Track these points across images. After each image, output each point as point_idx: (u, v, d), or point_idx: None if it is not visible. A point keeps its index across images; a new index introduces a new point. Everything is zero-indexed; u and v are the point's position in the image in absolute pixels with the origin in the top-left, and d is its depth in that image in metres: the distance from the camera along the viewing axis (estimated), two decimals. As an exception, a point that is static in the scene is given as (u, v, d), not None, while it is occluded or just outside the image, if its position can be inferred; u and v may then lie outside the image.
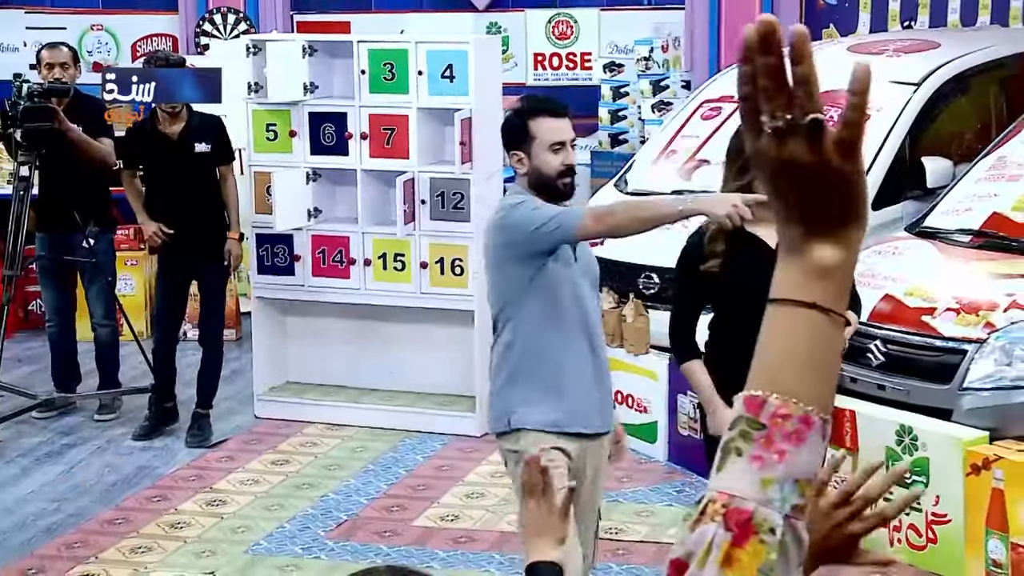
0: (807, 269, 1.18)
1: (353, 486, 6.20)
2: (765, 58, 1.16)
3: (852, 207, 1.18)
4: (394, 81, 6.84)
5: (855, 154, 1.17)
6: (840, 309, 1.18)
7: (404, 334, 7.12)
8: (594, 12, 9.71)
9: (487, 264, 4.17)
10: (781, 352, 1.17)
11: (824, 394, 1.16)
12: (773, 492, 1.12)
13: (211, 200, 6.80)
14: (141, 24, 10.04)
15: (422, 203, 6.81)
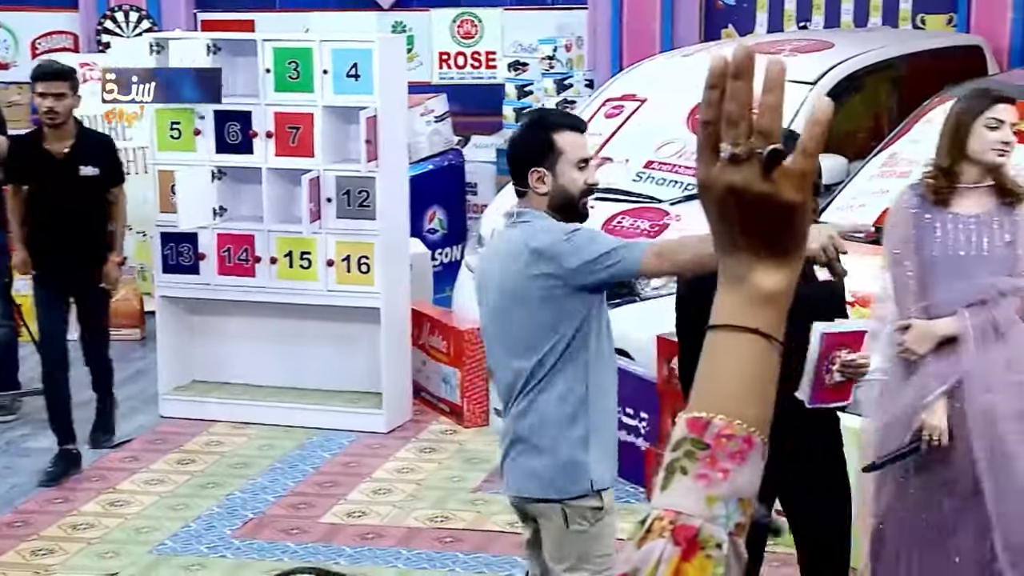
0: (750, 296, 1.20)
1: (259, 484, 6.14)
2: (736, 82, 1.17)
3: (795, 237, 1.20)
4: (299, 80, 6.79)
5: (806, 187, 1.19)
6: (779, 336, 1.20)
7: (311, 332, 7.07)
8: (498, 12, 9.73)
9: (514, 297, 3.61)
10: (724, 375, 1.19)
11: (763, 416, 1.19)
12: (718, 509, 1.14)
13: (94, 223, 6.31)
14: (40, 21, 9.85)
15: (328, 201, 6.77)
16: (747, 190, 1.17)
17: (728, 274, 1.21)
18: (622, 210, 6.95)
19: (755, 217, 1.18)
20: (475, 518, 5.73)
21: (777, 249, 1.20)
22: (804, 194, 1.18)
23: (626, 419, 6.14)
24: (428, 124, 8.73)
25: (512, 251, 3.65)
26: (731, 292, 1.21)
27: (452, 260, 8.43)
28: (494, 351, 3.76)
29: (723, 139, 1.18)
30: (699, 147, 1.20)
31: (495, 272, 3.71)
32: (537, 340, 3.62)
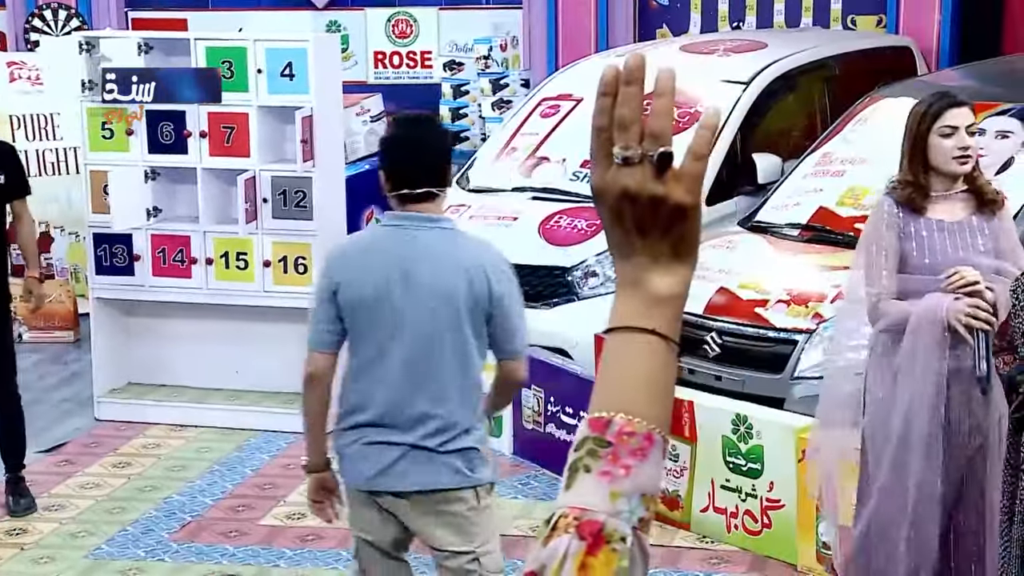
0: (646, 298, 1.23)
1: (198, 487, 6.08)
2: (628, 88, 1.20)
3: (688, 240, 1.24)
4: (233, 79, 6.74)
5: (697, 189, 1.22)
6: (675, 336, 1.24)
7: (248, 333, 7.02)
8: (433, 11, 9.71)
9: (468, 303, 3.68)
10: (623, 375, 1.22)
11: (663, 414, 1.22)
12: (622, 504, 1.17)
13: None
14: (-31, 19, 9.70)
15: (264, 202, 6.72)
16: (640, 192, 1.21)
17: (624, 279, 1.25)
18: (559, 210, 6.97)
19: (649, 219, 1.22)
20: (416, 518, 5.72)
21: (672, 251, 1.23)
22: (695, 196, 1.22)
23: (565, 418, 6.16)
24: (364, 124, 8.70)
25: (469, 263, 3.70)
26: (627, 296, 1.24)
27: (389, 260, 8.37)
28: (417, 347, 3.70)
29: (615, 143, 1.21)
30: (593, 153, 1.23)
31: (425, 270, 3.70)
32: (480, 340, 3.75)
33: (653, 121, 1.20)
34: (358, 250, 3.78)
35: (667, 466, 5.54)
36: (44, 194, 8.79)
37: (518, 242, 6.85)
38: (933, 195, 4.07)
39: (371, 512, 3.77)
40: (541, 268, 6.72)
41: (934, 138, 4.02)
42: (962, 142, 4.01)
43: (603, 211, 1.24)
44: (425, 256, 3.69)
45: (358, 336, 3.71)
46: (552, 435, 6.22)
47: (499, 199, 7.22)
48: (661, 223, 1.21)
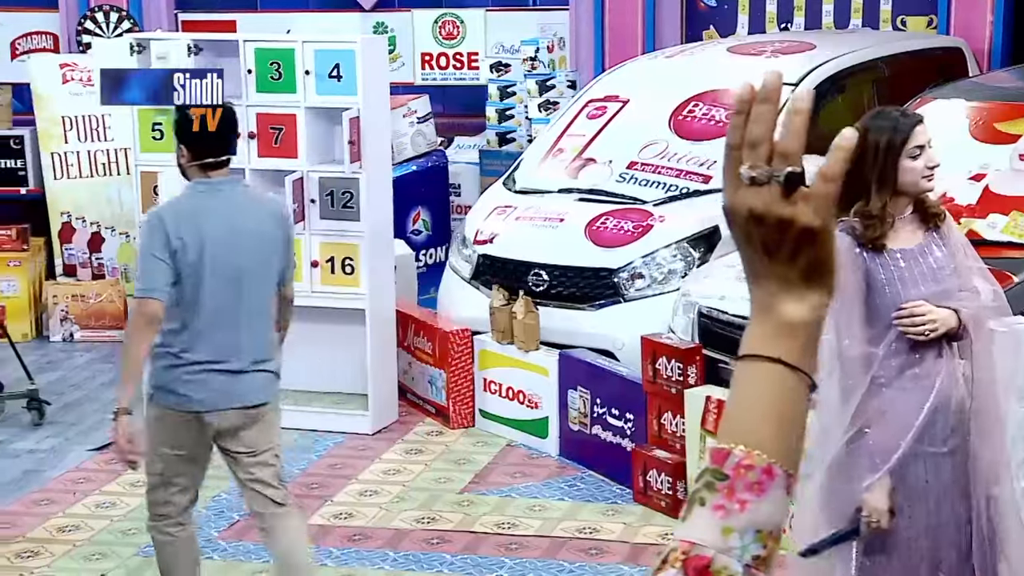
0: (776, 326, 1.20)
1: (245, 486, 6.12)
2: (762, 106, 1.19)
3: (821, 267, 1.20)
4: (281, 80, 6.78)
5: (827, 211, 1.18)
6: (806, 367, 1.20)
7: (296, 333, 7.00)
8: (480, 12, 9.73)
9: (281, 244, 4.52)
10: (747, 405, 1.19)
11: (789, 448, 1.18)
12: (733, 540, 1.14)
13: None
14: (21, 21, 9.80)
15: (312, 202, 6.77)
16: (767, 214, 1.17)
17: (755, 303, 1.21)
18: (605, 211, 6.97)
19: (776, 242, 1.18)
20: (462, 519, 5.74)
21: (802, 276, 1.19)
22: (824, 219, 1.18)
23: (611, 420, 6.17)
24: (411, 125, 8.72)
25: (272, 209, 4.60)
26: (759, 321, 1.21)
27: (437, 261, 8.43)
28: (250, 287, 4.44)
29: (744, 162, 1.18)
30: (724, 171, 1.21)
31: (250, 221, 4.47)
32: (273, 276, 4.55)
33: (784, 140, 1.18)
34: (188, 210, 4.44)
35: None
36: (95, 194, 8.91)
37: (564, 243, 6.87)
38: (892, 222, 3.82)
39: (191, 431, 4.44)
40: (587, 269, 6.73)
41: (905, 161, 3.81)
42: (931, 160, 3.83)
43: (734, 231, 1.21)
44: (242, 210, 4.49)
45: (195, 284, 4.35)
46: (598, 436, 6.23)
47: (545, 200, 7.23)
48: (789, 246, 1.18)
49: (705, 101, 7.35)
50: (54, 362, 8.17)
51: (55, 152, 8.91)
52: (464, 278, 7.18)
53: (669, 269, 6.69)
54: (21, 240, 8.68)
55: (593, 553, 5.40)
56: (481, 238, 7.17)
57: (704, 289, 6.11)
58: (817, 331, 1.21)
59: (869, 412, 3.78)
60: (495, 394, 6.79)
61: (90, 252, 8.94)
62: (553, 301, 6.74)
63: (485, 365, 6.82)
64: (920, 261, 3.84)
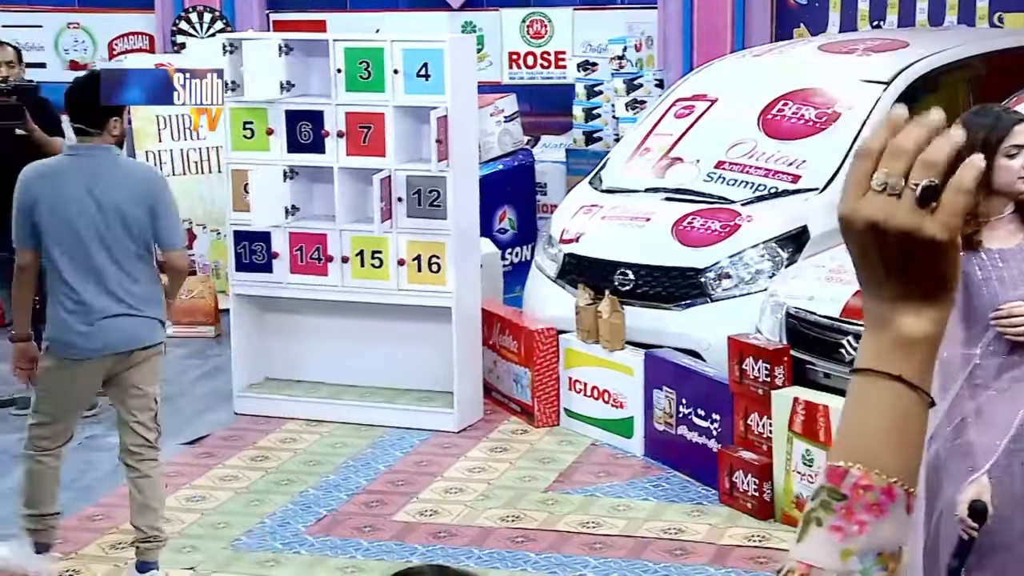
0: (894, 341, 1.17)
1: (333, 481, 6.19)
2: (916, 128, 1.17)
3: (943, 282, 1.17)
4: (370, 80, 6.84)
5: (955, 225, 1.16)
6: (925, 385, 1.17)
7: (382, 331, 7.12)
8: (568, 11, 9.72)
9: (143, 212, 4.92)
10: (864, 423, 1.16)
11: (909, 467, 1.15)
12: (853, 564, 1.12)
13: None
14: (118, 22, 9.99)
15: (399, 201, 6.81)
16: (888, 224, 1.14)
17: (872, 316, 1.18)
18: (693, 211, 6.93)
19: (897, 254, 1.15)
20: (547, 518, 5.75)
21: (922, 293, 1.16)
22: (952, 232, 1.15)
23: (696, 420, 6.14)
24: (498, 124, 8.75)
25: (138, 179, 5.01)
26: (875, 335, 1.17)
27: (523, 260, 8.44)
28: (101, 247, 4.91)
29: (879, 168, 1.16)
30: (848, 180, 1.18)
31: (116, 185, 4.92)
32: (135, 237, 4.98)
33: (929, 151, 1.15)
34: (50, 171, 4.98)
35: (802, 471, 5.48)
36: (188, 192, 9.05)
37: (651, 243, 6.84)
38: (989, 220, 3.76)
39: (75, 375, 4.99)
40: (673, 269, 6.70)
41: (1001, 159, 3.72)
42: None
43: (849, 242, 1.18)
44: (102, 176, 4.91)
45: (52, 240, 4.88)
46: (683, 437, 6.20)
47: (632, 199, 7.21)
48: (911, 259, 1.15)
49: (795, 100, 7.28)
50: (147, 357, 8.30)
51: (149, 150, 9.07)
52: (550, 277, 7.19)
53: (756, 269, 6.64)
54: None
55: (678, 554, 5.38)
56: (567, 237, 7.17)
57: (792, 290, 6.05)
58: (936, 347, 1.18)
59: (966, 413, 3.72)
60: (580, 393, 6.79)
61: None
62: (639, 300, 6.72)
63: (570, 364, 6.82)
64: (1019, 261, 3.77)
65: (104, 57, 9.98)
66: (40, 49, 9.84)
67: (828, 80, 7.45)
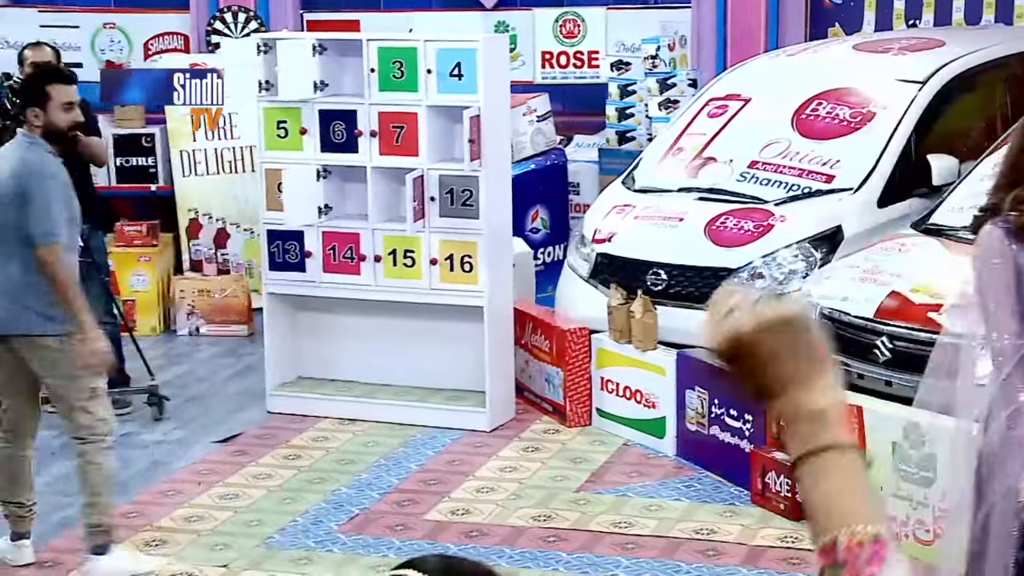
0: (807, 421, 1.30)
1: (365, 480, 6.20)
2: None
3: (797, 356, 1.31)
4: (403, 79, 6.84)
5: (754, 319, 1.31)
6: (846, 436, 1.30)
7: (414, 330, 7.13)
8: (601, 11, 9.70)
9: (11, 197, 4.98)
10: (826, 496, 1.28)
11: (877, 510, 1.27)
12: None
13: None
14: (153, 22, 10.04)
15: (431, 200, 6.81)
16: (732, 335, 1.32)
17: (782, 415, 1.32)
18: (726, 210, 6.91)
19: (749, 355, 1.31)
20: (579, 518, 5.74)
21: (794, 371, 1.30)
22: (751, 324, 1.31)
23: (729, 420, 6.12)
24: (531, 123, 8.74)
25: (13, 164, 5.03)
26: (792, 428, 1.31)
27: (555, 259, 8.43)
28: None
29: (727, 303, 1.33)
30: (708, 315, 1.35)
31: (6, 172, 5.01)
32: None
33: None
34: None
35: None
36: (221, 191, 9.10)
37: (684, 242, 6.82)
38: None
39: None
40: (706, 269, 6.68)
41: None
42: None
43: (731, 368, 1.34)
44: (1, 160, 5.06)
45: None
46: (716, 437, 6.18)
47: (665, 199, 7.19)
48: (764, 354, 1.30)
49: (829, 100, 7.24)
50: (181, 355, 8.36)
51: (183, 150, 9.11)
52: (582, 277, 7.18)
53: (790, 269, 6.60)
54: (151, 236, 8.87)
55: (710, 554, 5.36)
56: (600, 237, 7.16)
57: (826, 290, 6.02)
58: (840, 402, 1.31)
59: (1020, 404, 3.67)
60: (612, 393, 6.77)
61: (216, 248, 9.13)
62: (671, 300, 6.70)
63: (602, 364, 6.81)
64: None
65: (140, 57, 10.02)
66: (77, 49, 9.89)
67: (863, 79, 7.41)
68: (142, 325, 8.59)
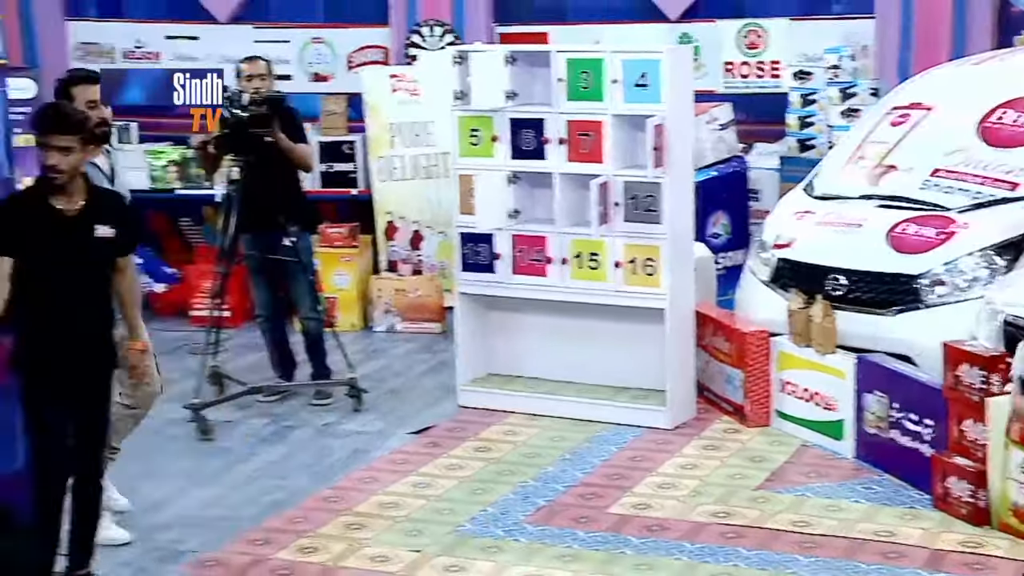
0: None
1: (551, 474, 6.22)
2: None
3: None
4: (590, 89, 6.84)
5: None
6: None
7: (599, 330, 7.12)
8: (784, 21, 9.54)
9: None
10: None
11: None
12: None
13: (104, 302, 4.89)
14: (357, 37, 10.28)
15: (616, 205, 6.80)
16: None
17: None
18: (908, 217, 6.71)
19: None
20: (758, 516, 5.65)
21: None
22: None
23: (909, 424, 5.94)
24: (713, 132, 8.66)
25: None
26: None
27: (735, 264, 8.33)
28: None
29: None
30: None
31: None
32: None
33: None
34: None
35: (1020, 480, 5.25)
36: (417, 195, 9.26)
37: (864, 249, 6.65)
38: None
39: None
40: (887, 275, 6.51)
41: None
42: None
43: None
44: None
45: None
46: (895, 441, 6.01)
47: (845, 206, 7.03)
48: None
49: (1015, 108, 6.96)
50: (378, 351, 8.53)
51: (382, 156, 9.30)
52: (762, 281, 7.07)
53: (973, 276, 6.38)
54: (352, 238, 9.11)
55: (891, 556, 5.21)
56: (780, 242, 7.04)
57: (1009, 297, 5.80)
58: None
59: None
60: (791, 395, 6.65)
61: (411, 249, 9.29)
62: (851, 306, 6.54)
63: (782, 366, 6.69)
64: None
65: (343, 69, 10.27)
66: (287, 63, 10.19)
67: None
68: (343, 321, 8.79)
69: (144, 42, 10.47)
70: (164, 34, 10.48)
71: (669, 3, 9.75)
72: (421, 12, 10.03)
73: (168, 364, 8.07)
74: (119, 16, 10.73)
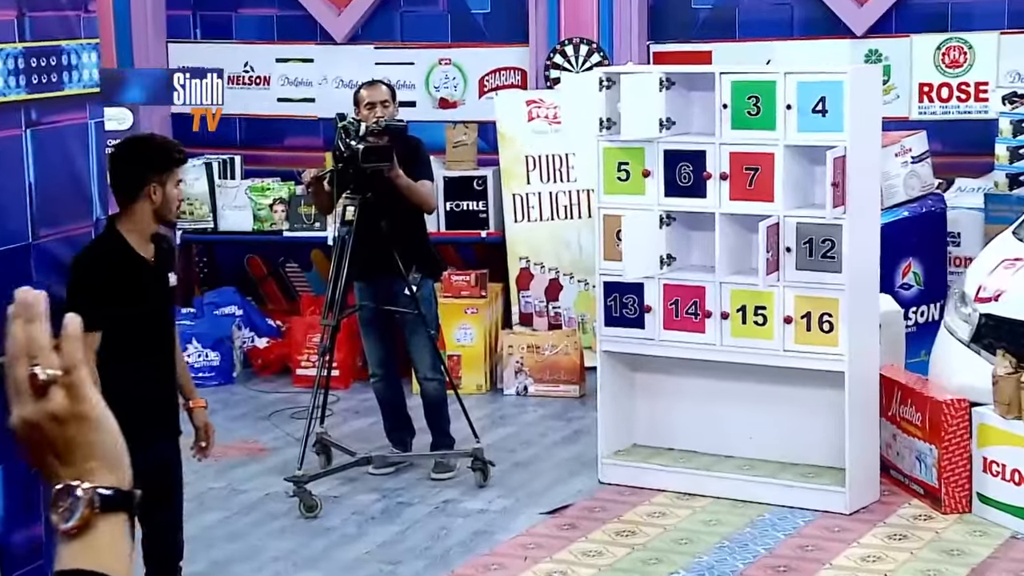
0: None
1: (706, 563, 6.19)
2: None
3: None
4: (759, 116, 6.84)
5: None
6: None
7: (764, 396, 7.08)
8: (993, 36, 9.40)
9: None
10: None
11: None
12: None
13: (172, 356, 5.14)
14: (490, 57, 10.40)
15: (787, 251, 6.77)
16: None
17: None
18: None
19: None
20: (952, 620, 5.54)
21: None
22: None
23: None
24: (904, 165, 8.57)
25: None
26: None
27: (929, 320, 8.21)
28: None
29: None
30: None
31: None
32: None
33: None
34: None
35: None
36: (555, 238, 9.33)
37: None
38: None
39: None
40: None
41: None
42: None
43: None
44: None
45: None
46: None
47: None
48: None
49: None
50: (507, 417, 8.60)
51: (516, 193, 9.40)
52: (962, 340, 6.96)
53: None
54: (479, 286, 9.17)
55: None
56: (984, 295, 6.93)
57: None
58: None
59: None
60: (997, 476, 6.51)
61: (547, 300, 9.35)
62: (1071, 371, 6.39)
63: (985, 442, 6.56)
64: None
65: (474, 95, 10.40)
66: (411, 87, 10.37)
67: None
68: (467, 382, 8.88)
69: (252, 65, 10.78)
70: (275, 56, 10.77)
71: (855, 15, 9.69)
72: (564, 29, 10.14)
73: (268, 430, 8.31)
74: (227, 37, 11.05)
